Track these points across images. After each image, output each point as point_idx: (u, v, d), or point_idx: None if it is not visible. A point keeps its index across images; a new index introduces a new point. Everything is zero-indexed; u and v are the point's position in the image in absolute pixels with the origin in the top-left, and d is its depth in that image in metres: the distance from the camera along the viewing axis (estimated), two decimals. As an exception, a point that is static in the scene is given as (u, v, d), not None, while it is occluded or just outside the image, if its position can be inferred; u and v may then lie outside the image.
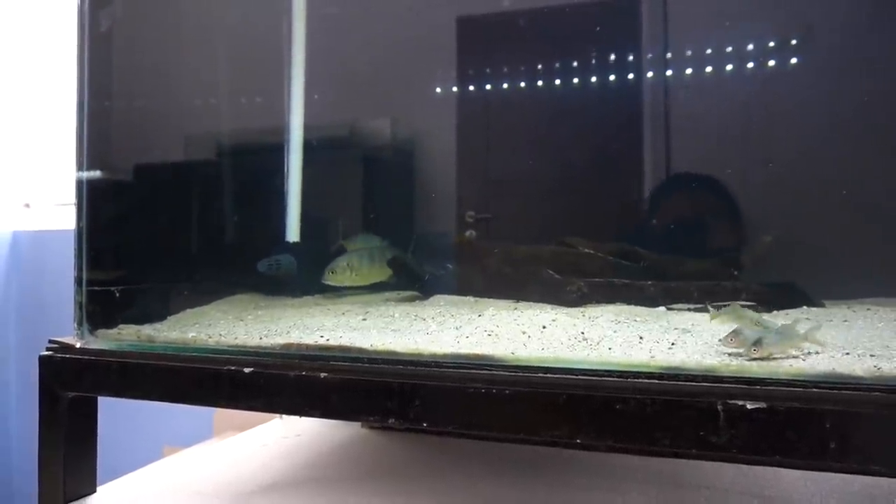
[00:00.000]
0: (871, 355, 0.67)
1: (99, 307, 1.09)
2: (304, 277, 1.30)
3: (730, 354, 0.72)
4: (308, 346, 0.86)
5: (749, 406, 0.65)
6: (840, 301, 1.02)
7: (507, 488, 1.02)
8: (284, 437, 1.34)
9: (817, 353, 0.71)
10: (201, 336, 0.94)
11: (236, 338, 0.92)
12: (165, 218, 1.48)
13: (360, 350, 0.82)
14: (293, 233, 1.32)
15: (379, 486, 1.05)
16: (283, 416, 1.47)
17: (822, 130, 1.22)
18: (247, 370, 0.85)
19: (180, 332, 1.00)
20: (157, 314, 1.16)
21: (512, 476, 1.08)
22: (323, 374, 0.81)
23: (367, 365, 0.81)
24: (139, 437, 2.61)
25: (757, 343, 0.70)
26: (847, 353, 0.69)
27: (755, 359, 0.70)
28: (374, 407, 0.79)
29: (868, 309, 0.92)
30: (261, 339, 0.90)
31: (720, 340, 0.73)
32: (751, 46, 1.37)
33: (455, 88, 1.54)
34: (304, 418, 1.47)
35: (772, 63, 1.32)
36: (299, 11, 1.50)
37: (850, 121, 1.19)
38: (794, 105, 1.27)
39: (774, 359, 0.70)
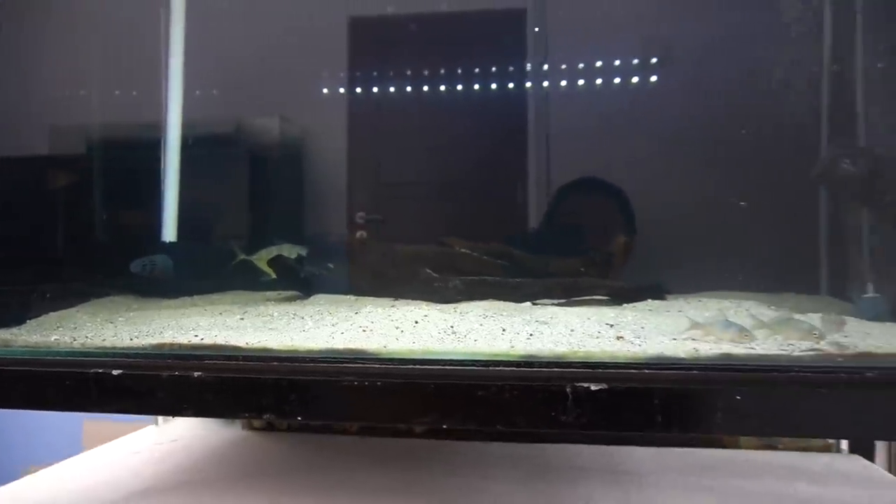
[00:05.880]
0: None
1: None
2: (182, 278, 1.27)
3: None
4: (181, 346, 0.85)
5: (593, 388, 0.73)
6: (686, 295, 1.15)
7: (387, 480, 1.06)
8: (158, 443, 1.29)
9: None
10: (65, 339, 0.90)
11: (104, 340, 0.89)
12: (28, 216, 1.39)
13: (235, 348, 0.83)
14: (170, 232, 1.28)
15: (257, 486, 1.05)
16: (159, 422, 1.42)
17: (680, 140, 1.36)
18: (115, 372, 0.83)
19: (41, 335, 0.95)
20: (16, 319, 1.09)
21: (392, 469, 1.12)
22: (197, 373, 0.81)
23: (241, 363, 0.82)
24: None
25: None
26: (674, 339, 0.79)
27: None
28: (250, 403, 0.80)
29: (699, 301, 1.05)
30: (131, 340, 0.88)
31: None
32: (617, 62, 1.51)
33: (345, 89, 1.55)
34: (181, 423, 1.43)
35: (635, 79, 1.46)
36: (178, 4, 1.46)
37: (706, 130, 1.33)
38: (659, 115, 1.40)
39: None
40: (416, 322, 0.87)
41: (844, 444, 1.29)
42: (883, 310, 0.95)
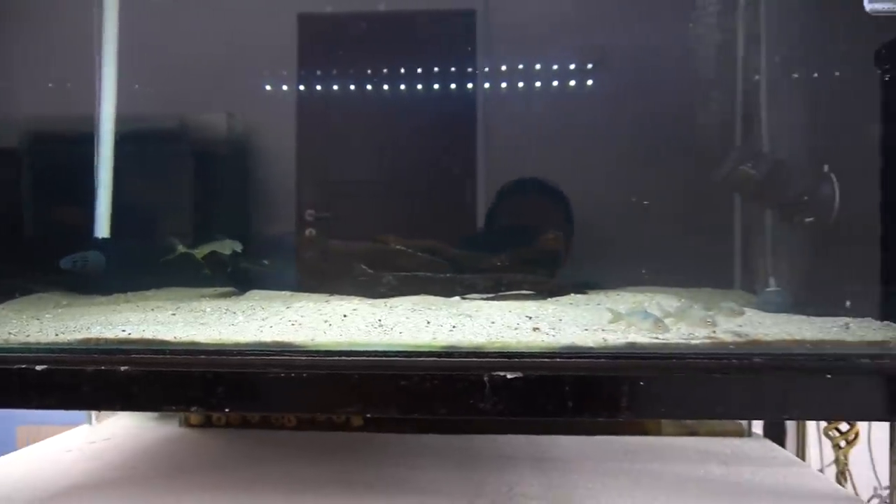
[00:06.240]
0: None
1: None
2: (116, 274, 1.26)
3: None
4: (108, 341, 0.85)
5: (509, 376, 0.78)
6: (606, 290, 1.22)
7: (322, 472, 1.08)
8: (91, 441, 1.28)
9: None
10: (-13, 335, 0.89)
11: (28, 335, 0.89)
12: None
13: (163, 342, 0.84)
14: (103, 228, 1.27)
15: (192, 481, 1.06)
16: (93, 421, 1.41)
17: (607, 142, 1.42)
18: (39, 367, 0.83)
19: (-39, 332, 0.94)
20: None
21: (327, 461, 1.15)
22: (123, 368, 0.82)
23: (169, 356, 0.83)
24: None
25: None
26: (586, 329, 0.84)
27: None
28: (177, 397, 0.81)
29: (618, 295, 1.11)
30: (56, 335, 0.88)
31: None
32: (556, 66, 1.56)
33: (295, 86, 1.55)
34: (115, 422, 1.42)
35: (572, 82, 1.52)
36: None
37: (634, 132, 1.39)
38: (591, 117, 1.46)
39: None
40: (345, 316, 0.90)
41: (758, 430, 1.38)
42: (783, 302, 1.03)
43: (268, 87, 1.58)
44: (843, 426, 1.22)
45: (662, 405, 0.77)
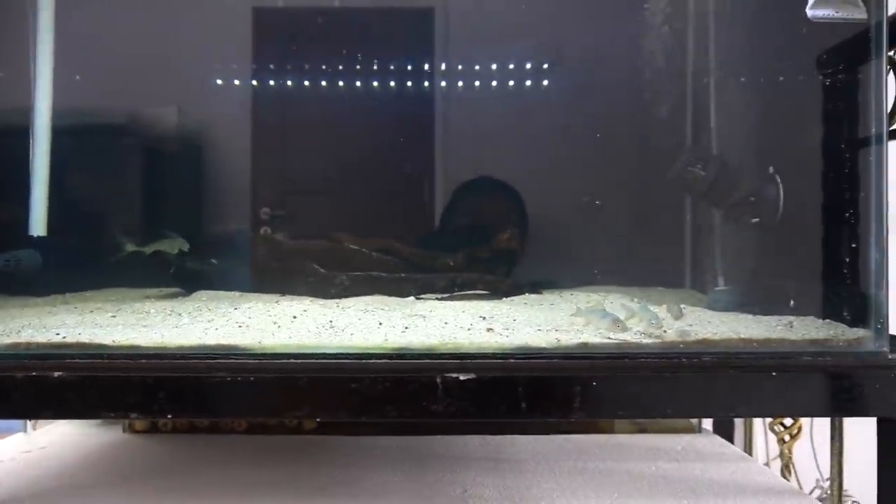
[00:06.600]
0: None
1: None
2: (52, 275, 1.20)
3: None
4: (40, 345, 0.81)
5: (462, 377, 0.77)
6: (561, 290, 1.22)
7: (273, 475, 1.06)
8: (26, 451, 1.22)
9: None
10: None
11: (-49, 340, 0.83)
12: None
13: (100, 346, 0.80)
14: (38, 226, 1.21)
15: (135, 490, 1.02)
16: (28, 430, 1.34)
17: (564, 143, 1.43)
18: (-38, 374, 0.78)
19: None
20: None
21: (278, 465, 1.12)
22: (57, 373, 0.77)
23: (107, 361, 0.79)
24: None
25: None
26: (540, 330, 0.84)
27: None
28: (115, 403, 0.77)
29: (572, 294, 1.11)
30: (-17, 340, 0.83)
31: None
32: (511, 66, 1.56)
33: (250, 82, 1.51)
34: (54, 430, 1.35)
35: (528, 82, 1.52)
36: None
37: (590, 133, 1.40)
38: (547, 118, 1.46)
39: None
40: (295, 317, 0.88)
41: (707, 426, 1.41)
42: (731, 301, 1.05)
43: (219, 82, 1.54)
44: (788, 421, 1.26)
45: (615, 405, 0.78)
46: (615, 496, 0.97)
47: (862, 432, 1.02)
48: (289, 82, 1.52)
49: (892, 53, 0.92)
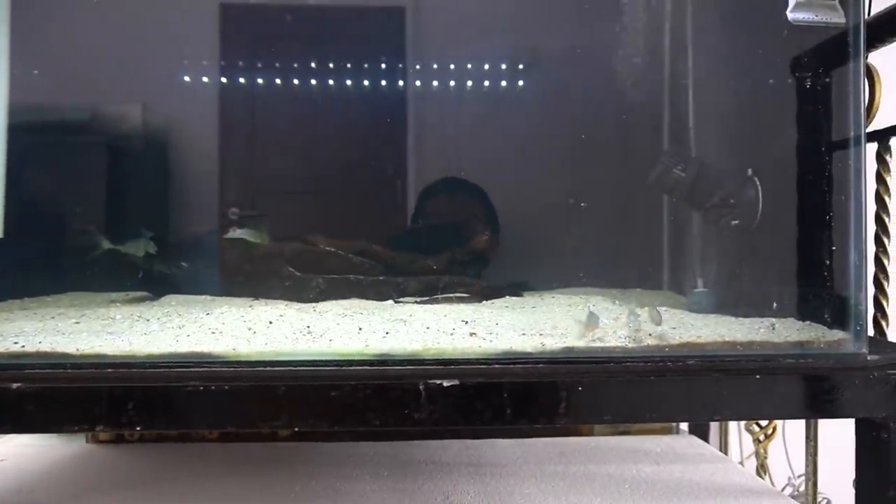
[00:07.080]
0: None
1: None
2: (9, 278, 1.14)
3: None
4: (-4, 355, 0.76)
5: (445, 384, 0.75)
6: (542, 292, 1.21)
7: (246, 485, 1.02)
8: (-17, 463, 1.16)
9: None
10: None
11: None
12: None
13: (63, 355, 0.75)
14: (-5, 228, 1.15)
15: (99, 502, 0.97)
16: (-15, 440, 1.27)
17: (542, 144, 1.42)
18: (-89, 387, 0.72)
19: None
20: None
21: (253, 473, 1.08)
22: (16, 385, 0.73)
23: (70, 371, 0.75)
24: None
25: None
26: (523, 334, 0.82)
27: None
28: (79, 415, 0.73)
29: (553, 297, 1.10)
30: (-67, 350, 0.77)
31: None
32: (487, 66, 1.54)
33: (219, 80, 1.47)
34: (12, 442, 1.29)
35: (503, 82, 1.51)
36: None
37: (567, 134, 1.39)
38: (524, 118, 1.45)
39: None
40: (271, 322, 0.84)
41: (684, 426, 1.41)
42: (710, 303, 1.05)
43: (186, 79, 1.49)
44: (763, 421, 1.27)
45: (601, 410, 0.77)
46: (598, 501, 0.96)
47: (832, 432, 1.04)
48: (258, 80, 1.49)
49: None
